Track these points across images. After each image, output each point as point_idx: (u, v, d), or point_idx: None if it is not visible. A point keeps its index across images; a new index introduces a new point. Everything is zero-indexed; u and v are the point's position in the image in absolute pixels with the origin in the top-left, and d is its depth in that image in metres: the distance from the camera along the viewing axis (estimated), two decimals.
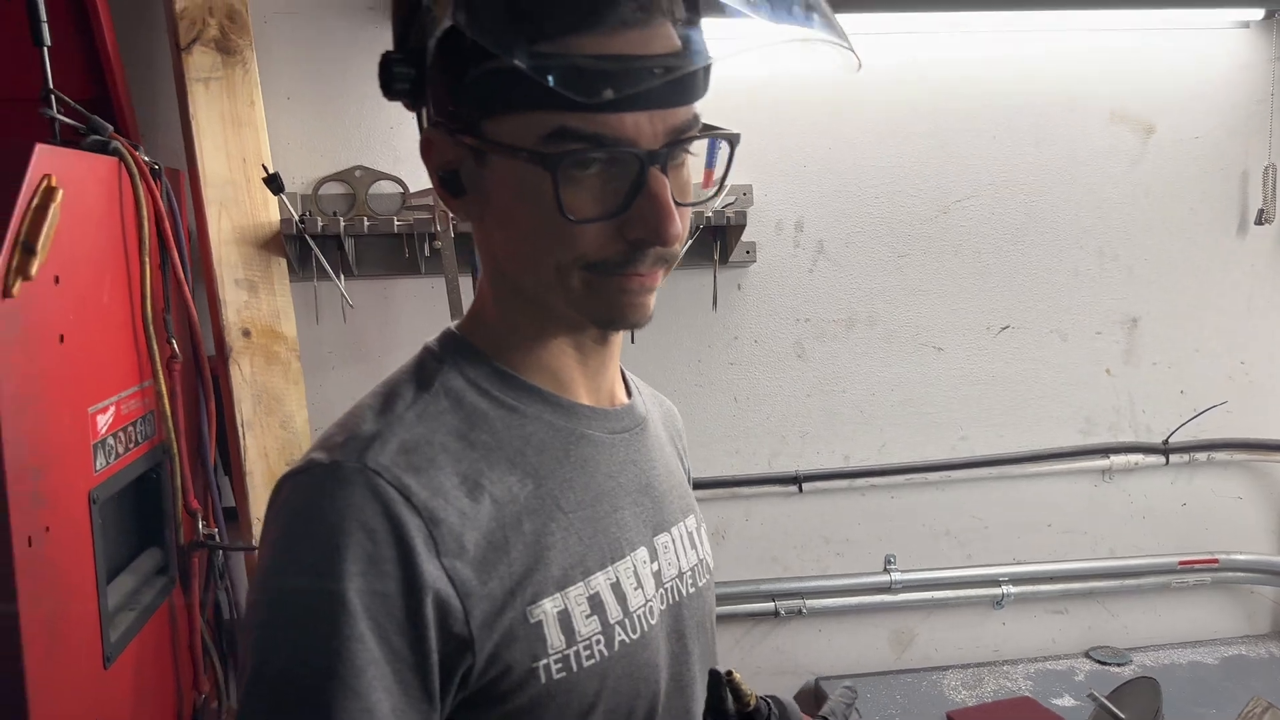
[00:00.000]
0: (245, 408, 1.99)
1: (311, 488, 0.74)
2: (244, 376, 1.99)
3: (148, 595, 1.77)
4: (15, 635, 1.30)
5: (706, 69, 0.74)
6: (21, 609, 1.30)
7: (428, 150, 0.81)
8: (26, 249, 1.33)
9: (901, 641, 2.51)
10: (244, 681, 0.72)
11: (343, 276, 2.09)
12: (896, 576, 2.42)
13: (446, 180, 0.80)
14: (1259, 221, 2.49)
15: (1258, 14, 2.41)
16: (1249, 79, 2.47)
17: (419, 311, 2.22)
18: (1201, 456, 2.57)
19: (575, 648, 0.78)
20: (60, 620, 1.42)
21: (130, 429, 1.71)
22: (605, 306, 0.78)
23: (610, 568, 0.83)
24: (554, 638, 0.77)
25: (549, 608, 0.77)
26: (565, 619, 0.78)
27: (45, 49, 1.68)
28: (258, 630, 0.72)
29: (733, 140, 0.80)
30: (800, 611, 2.38)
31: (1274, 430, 2.59)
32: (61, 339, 1.46)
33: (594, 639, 0.80)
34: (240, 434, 1.98)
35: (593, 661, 0.79)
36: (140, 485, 1.79)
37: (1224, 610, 2.67)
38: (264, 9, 2.10)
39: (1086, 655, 2.55)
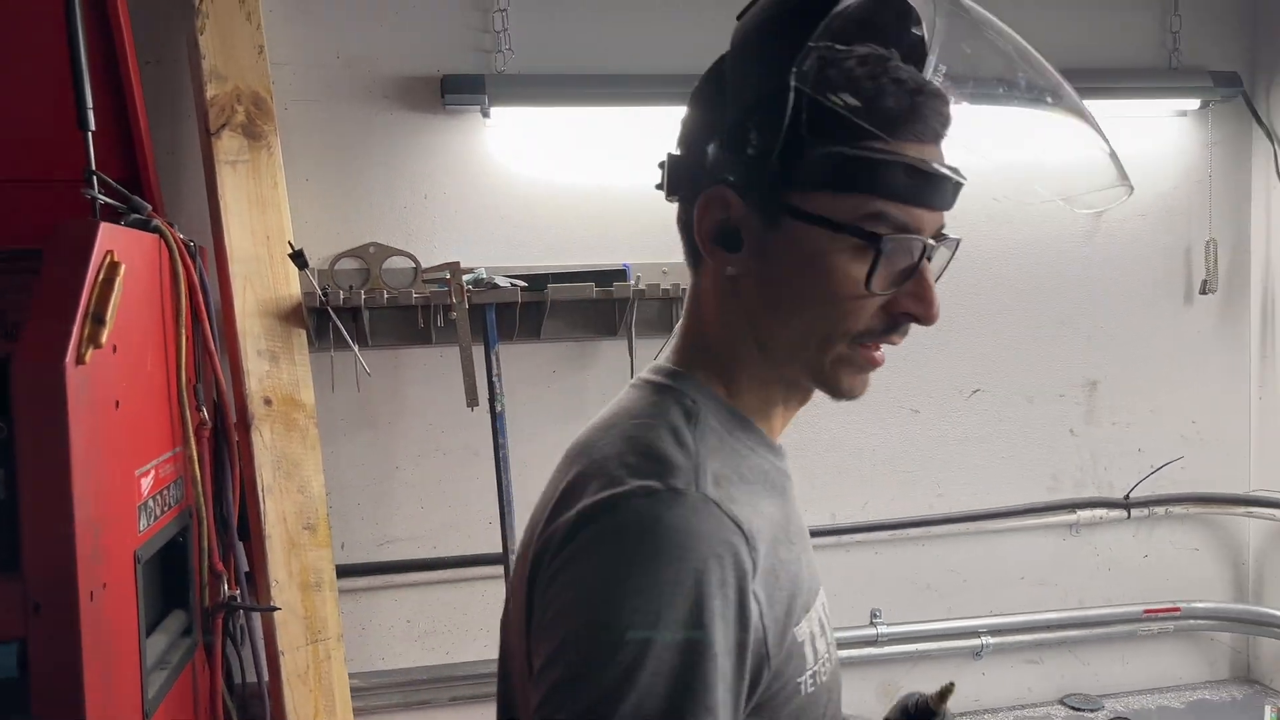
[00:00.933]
0: (266, 473, 2.07)
1: (657, 511, 0.76)
2: (265, 443, 2.07)
3: (175, 655, 1.82)
4: (79, 688, 1.36)
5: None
6: (85, 662, 1.37)
7: (708, 207, 0.87)
8: (97, 319, 1.43)
9: (889, 693, 2.61)
10: (605, 681, 0.72)
11: (357, 346, 2.19)
12: (883, 630, 2.54)
13: (723, 235, 0.87)
14: (1203, 291, 2.71)
15: (1194, 104, 2.66)
16: (1188, 162, 2.70)
17: (428, 380, 2.33)
18: (1160, 510, 2.74)
19: (817, 666, 0.87)
20: (112, 675, 1.48)
21: (165, 493, 1.79)
22: (845, 379, 0.87)
23: (818, 599, 0.92)
24: (809, 656, 0.85)
25: (805, 629, 0.85)
26: (811, 640, 0.86)
27: (89, 133, 1.79)
28: (629, 647, 0.72)
29: (956, 244, 0.91)
30: None
31: (1226, 484, 2.78)
32: (117, 404, 1.54)
33: (824, 659, 0.89)
34: (261, 498, 2.06)
35: (824, 679, 0.88)
36: (169, 548, 1.85)
37: (1187, 657, 2.82)
38: (285, 96, 2.23)
39: (1061, 703, 2.68)
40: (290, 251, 2.04)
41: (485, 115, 2.29)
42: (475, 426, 2.26)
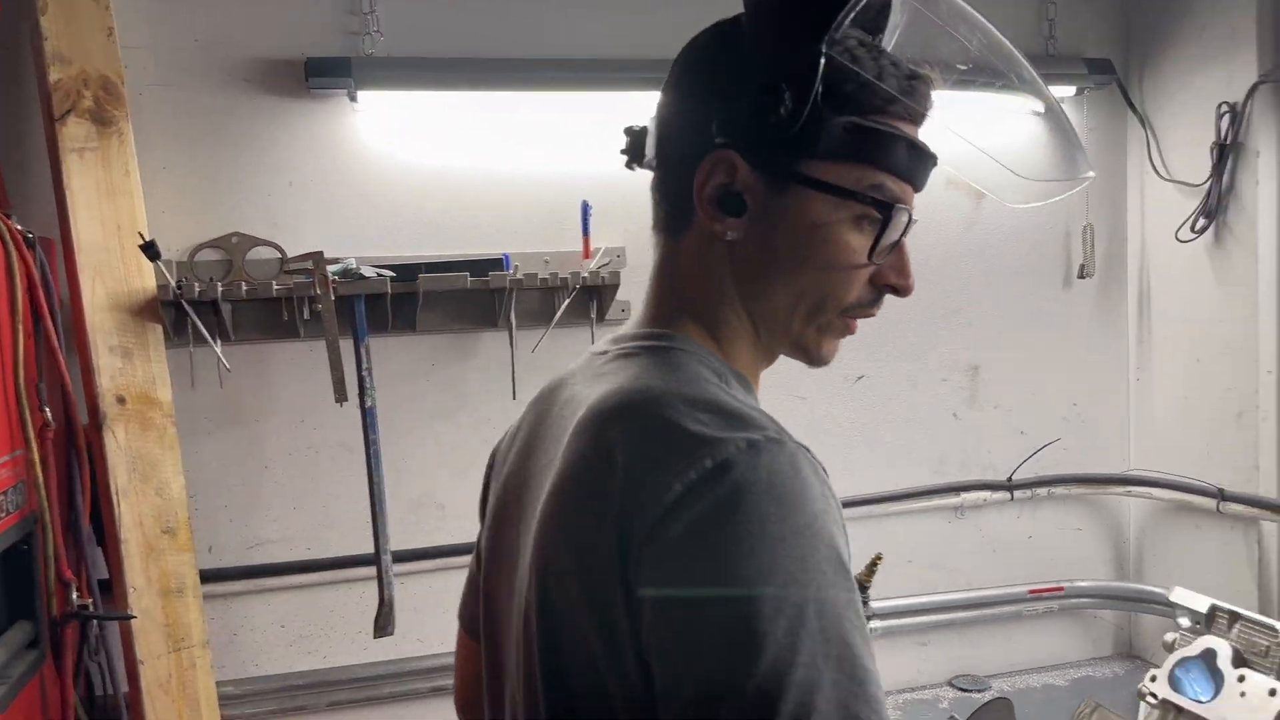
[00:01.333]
0: (120, 475, 1.98)
1: (769, 462, 0.74)
2: (119, 444, 1.98)
3: (18, 669, 1.72)
4: None
5: None
6: None
7: (713, 170, 0.87)
8: None
9: None
10: (771, 645, 0.69)
11: (219, 341, 2.11)
12: None
13: (724, 198, 0.87)
14: (1081, 275, 2.76)
15: (1070, 91, 2.71)
16: None
17: (297, 375, 2.25)
18: (1043, 491, 2.78)
19: None
20: None
21: (2, 498, 1.69)
22: (825, 346, 0.92)
23: None
24: None
25: None
26: None
27: None
28: (789, 600, 0.70)
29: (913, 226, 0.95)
30: None
31: (1106, 465, 2.83)
32: None
33: None
34: (115, 502, 1.96)
35: None
36: (9, 556, 1.76)
37: (1071, 635, 2.88)
38: (140, 81, 2.13)
39: (949, 684, 2.70)
40: (141, 243, 1.94)
41: (353, 99, 2.22)
42: (349, 423, 2.19)
